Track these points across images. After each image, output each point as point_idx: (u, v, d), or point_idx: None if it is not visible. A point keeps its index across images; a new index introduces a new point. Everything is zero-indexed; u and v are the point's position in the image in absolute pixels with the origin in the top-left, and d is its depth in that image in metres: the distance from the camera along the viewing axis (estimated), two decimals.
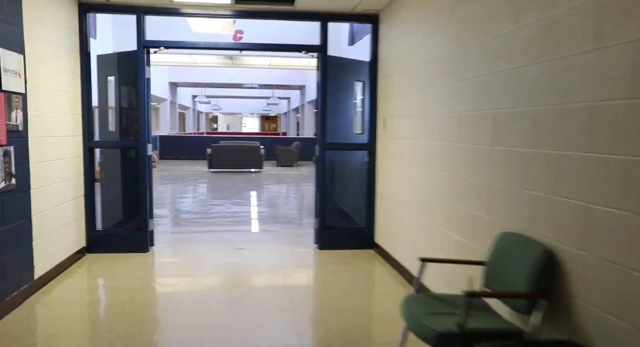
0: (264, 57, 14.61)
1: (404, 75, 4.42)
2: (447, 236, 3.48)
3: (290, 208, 8.48)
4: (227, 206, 8.34)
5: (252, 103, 39.46)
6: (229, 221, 7.04)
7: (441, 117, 3.57)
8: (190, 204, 8.71)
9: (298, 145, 16.58)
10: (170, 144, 19.12)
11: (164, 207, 8.23)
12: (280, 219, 7.31)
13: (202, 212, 7.76)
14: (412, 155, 4.21)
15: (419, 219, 4.06)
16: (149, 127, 5.16)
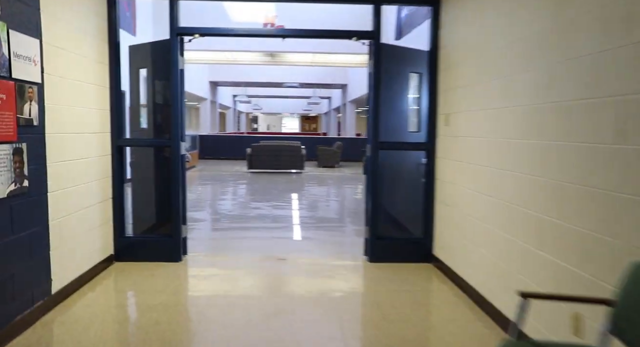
0: (306, 53, 14.10)
1: (474, 63, 3.75)
2: (538, 257, 2.80)
3: (334, 213, 7.89)
4: (267, 209, 7.83)
5: (293, 103, 39.18)
6: (269, 227, 6.51)
7: (530, 109, 2.90)
8: (228, 207, 8.25)
9: (340, 145, 15.99)
10: (210, 144, 18.90)
11: (201, 210, 7.80)
12: (324, 225, 6.73)
13: (241, 216, 7.27)
14: (485, 157, 3.53)
15: (494, 233, 3.38)
16: (183, 124, 4.68)
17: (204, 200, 9.08)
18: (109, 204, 4.47)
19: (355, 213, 7.81)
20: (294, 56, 14.99)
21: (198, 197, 9.31)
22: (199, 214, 7.45)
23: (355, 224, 6.98)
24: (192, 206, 8.02)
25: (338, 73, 21.54)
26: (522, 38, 3.01)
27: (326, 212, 7.89)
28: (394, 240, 4.88)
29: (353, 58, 15.00)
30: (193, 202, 8.50)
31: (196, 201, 8.71)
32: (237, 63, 16.22)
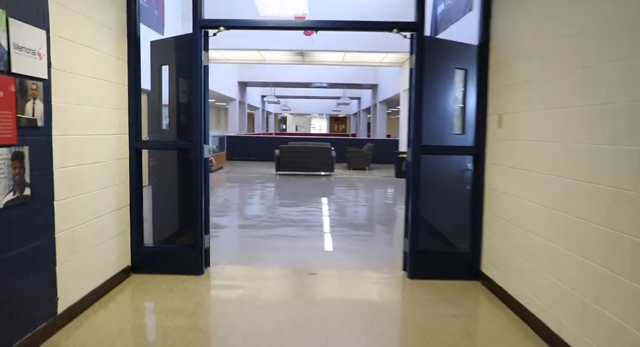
0: (336, 52, 13.66)
1: (539, 54, 3.24)
2: (623, 286, 2.29)
3: (366, 219, 7.42)
4: (296, 215, 7.42)
5: (322, 103, 38.83)
6: (298, 235, 6.10)
7: (622, 107, 2.39)
8: (255, 212, 7.88)
9: (371, 147, 15.50)
10: (238, 145, 18.66)
11: (226, 215, 7.44)
12: (356, 234, 6.27)
13: (268, 222, 6.88)
14: (554, 164, 3.03)
15: (563, 254, 2.87)
16: (206, 126, 4.31)
17: (230, 204, 8.74)
18: (126, 212, 4.13)
19: (388, 220, 7.32)
20: (324, 55, 14.57)
21: (224, 201, 8.98)
22: (224, 219, 7.09)
23: (389, 232, 6.51)
24: (217, 211, 7.68)
25: (368, 73, 21.04)
26: (608, 18, 2.50)
27: (358, 218, 7.43)
28: (437, 254, 4.39)
29: (384, 57, 14.49)
30: (218, 207, 8.17)
31: (222, 206, 8.38)
32: (266, 63, 15.90)
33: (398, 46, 12.73)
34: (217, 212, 7.52)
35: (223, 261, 4.76)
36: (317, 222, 6.83)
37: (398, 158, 13.15)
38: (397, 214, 7.86)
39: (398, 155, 13.15)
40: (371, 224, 7.02)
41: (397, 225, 7.00)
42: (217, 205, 8.32)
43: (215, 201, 8.77)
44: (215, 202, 8.71)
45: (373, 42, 12.62)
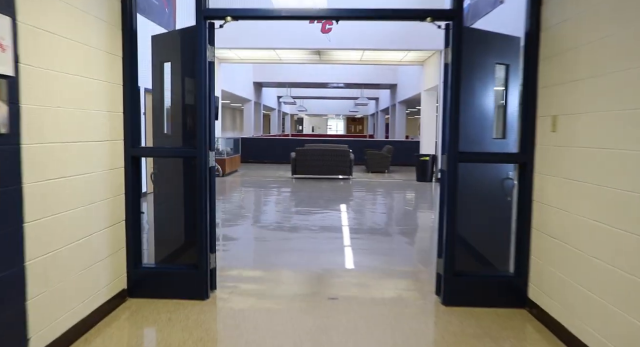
0: (355, 50, 13.10)
1: (610, 44, 2.65)
2: None
3: (390, 230, 6.85)
4: (313, 224, 6.88)
5: (338, 104, 38.30)
6: (316, 249, 5.56)
7: None
8: (268, 221, 7.36)
9: (391, 149, 14.90)
10: (253, 147, 18.21)
11: (237, 224, 6.94)
12: (379, 248, 5.71)
13: (283, 233, 6.36)
14: (627, 177, 2.44)
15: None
16: (212, 130, 3.79)
17: (242, 212, 8.24)
18: (121, 228, 3.64)
19: (413, 231, 6.74)
20: (342, 54, 14.02)
21: (236, 208, 8.49)
22: (236, 230, 6.59)
23: (414, 244, 5.94)
24: (227, 219, 7.19)
25: (387, 73, 20.44)
26: None
27: (380, 228, 6.86)
28: (476, 277, 3.81)
29: (404, 56, 13.88)
30: (230, 215, 7.68)
31: (234, 214, 7.88)
32: (282, 62, 15.42)
33: (419, 44, 12.13)
34: (228, 222, 7.02)
35: (232, 280, 4.25)
36: (336, 234, 6.28)
37: (420, 161, 12.53)
38: (422, 223, 7.28)
39: (420, 158, 12.54)
40: (394, 236, 6.45)
41: (423, 237, 6.42)
42: (229, 213, 7.82)
43: (226, 208, 8.28)
44: (227, 208, 8.22)
45: (393, 40, 12.05)
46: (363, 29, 12.04)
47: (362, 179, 13.07)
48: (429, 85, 13.94)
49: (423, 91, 14.81)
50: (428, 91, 14.64)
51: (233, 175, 13.64)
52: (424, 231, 6.71)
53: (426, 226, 7.08)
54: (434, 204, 9.04)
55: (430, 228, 6.88)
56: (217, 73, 14.76)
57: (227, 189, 10.99)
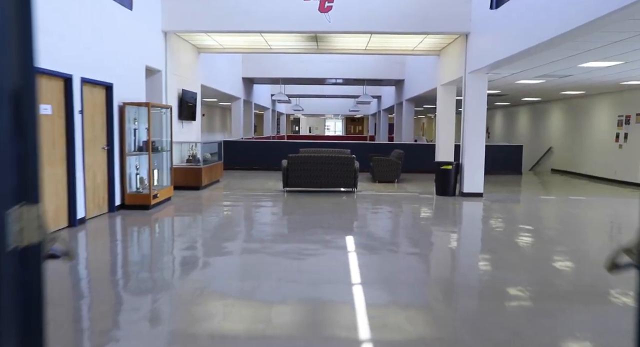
0: (360, 35, 10.74)
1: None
2: None
3: (419, 282, 4.49)
4: (306, 285, 4.53)
5: (337, 103, 35.96)
6: (317, 332, 3.20)
7: None
8: (233, 284, 5.00)
9: (401, 154, 12.56)
10: (240, 152, 15.83)
11: (193, 280, 4.58)
12: (418, 340, 3.36)
13: (266, 295, 4.00)
14: None
15: None
16: (30, 157, 1.42)
17: (206, 251, 5.88)
18: None
19: (452, 283, 4.39)
20: (344, 40, 11.68)
21: (190, 247, 6.12)
22: (166, 306, 4.23)
23: (460, 309, 3.58)
24: (184, 263, 4.84)
25: (393, 67, 18.11)
26: None
27: (419, 297, 4.51)
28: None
29: (419, 43, 11.53)
30: (187, 256, 5.33)
31: (182, 260, 5.52)
32: (273, 52, 13.07)
33: (440, 26, 9.78)
34: (181, 275, 4.67)
35: None
36: (345, 309, 3.91)
37: (440, 170, 10.19)
38: (473, 278, 4.94)
39: (440, 166, 10.20)
40: (432, 295, 4.10)
41: (480, 306, 4.08)
42: (188, 247, 5.48)
43: (178, 247, 5.92)
44: (179, 249, 5.87)
45: (407, 22, 9.70)
46: (370, 8, 9.70)
47: (369, 192, 10.72)
48: (448, 79, 11.60)
49: (440, 86, 12.46)
50: (446, 86, 12.30)
51: (212, 187, 11.27)
52: (479, 292, 4.36)
53: (480, 280, 4.74)
54: (486, 241, 6.70)
55: (485, 287, 4.54)
56: (196, 65, 12.35)
57: (195, 210, 8.62)
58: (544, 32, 6.14)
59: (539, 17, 6.38)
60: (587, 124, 15.24)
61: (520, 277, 4.70)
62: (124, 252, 5.75)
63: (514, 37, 7.46)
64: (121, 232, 6.95)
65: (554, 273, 4.89)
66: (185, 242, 6.18)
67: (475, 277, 4.81)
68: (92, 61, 7.05)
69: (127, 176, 8.07)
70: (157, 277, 4.69)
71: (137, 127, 8.23)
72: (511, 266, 5.12)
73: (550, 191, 12.40)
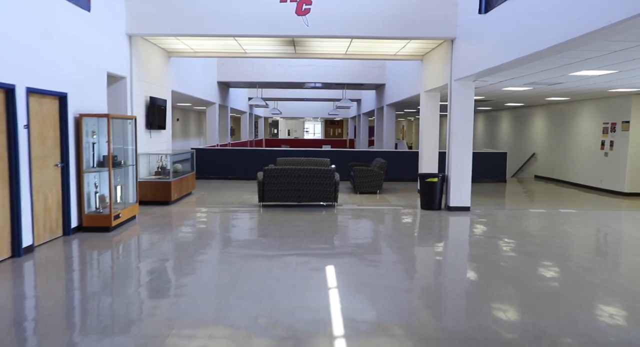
0: (341, 39, 10.14)
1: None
2: None
3: (417, 333, 3.89)
4: (282, 330, 3.88)
5: (316, 106, 35.36)
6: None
7: None
8: (214, 308, 4.32)
9: (383, 164, 11.99)
10: (214, 160, 15.08)
11: (158, 307, 3.88)
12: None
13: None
14: None
15: None
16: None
17: (171, 282, 5.19)
18: None
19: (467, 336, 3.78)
20: (323, 45, 11.06)
21: (164, 268, 5.42)
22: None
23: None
24: (148, 296, 4.13)
25: (373, 71, 17.57)
26: None
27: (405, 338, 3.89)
28: None
29: (402, 48, 11.00)
30: (151, 288, 4.62)
31: (155, 286, 4.82)
32: (247, 56, 12.37)
33: (424, 30, 9.23)
34: (126, 329, 3.97)
35: None
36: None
37: (425, 182, 9.64)
38: (485, 318, 4.34)
39: (425, 179, 9.65)
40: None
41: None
42: (142, 294, 4.77)
43: (138, 281, 5.21)
44: (140, 282, 5.16)
45: (390, 26, 9.13)
46: (351, 11, 9.09)
47: (350, 206, 10.11)
48: (432, 85, 11.08)
49: (423, 92, 11.94)
50: (430, 92, 11.78)
51: (183, 201, 10.52)
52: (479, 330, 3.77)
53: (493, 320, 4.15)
54: (485, 271, 6.14)
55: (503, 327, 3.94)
56: (166, 70, 11.58)
57: (160, 230, 7.89)
58: (544, 39, 5.60)
59: (538, 23, 5.85)
60: (572, 131, 14.93)
61: (548, 329, 4.13)
62: (79, 285, 5.02)
63: (506, 43, 6.93)
64: (78, 260, 6.20)
65: (598, 329, 4.30)
66: (149, 271, 5.47)
67: (477, 329, 4.22)
68: (41, 68, 6.28)
69: (84, 195, 7.30)
70: (119, 314, 3.98)
71: (96, 141, 7.46)
72: (525, 309, 4.55)
73: (539, 203, 11.92)
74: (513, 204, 11.49)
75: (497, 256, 6.32)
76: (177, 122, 23.73)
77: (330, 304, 4.44)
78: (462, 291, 5.04)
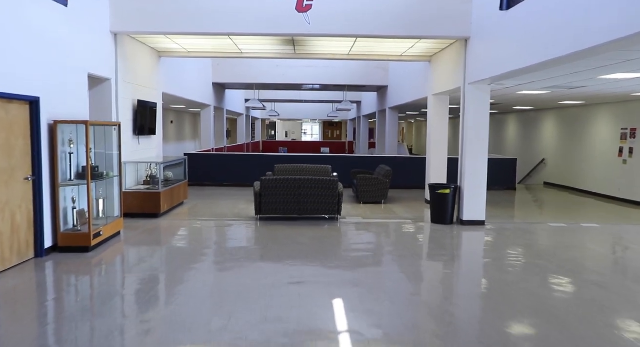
0: (344, 39, 9.38)
1: None
2: None
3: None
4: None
5: (315, 108, 34.62)
6: None
7: None
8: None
9: (388, 172, 11.23)
10: (208, 165, 14.30)
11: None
12: None
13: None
14: None
15: None
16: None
17: (155, 315, 4.41)
18: None
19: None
20: (325, 45, 10.30)
21: (147, 297, 4.64)
22: None
23: None
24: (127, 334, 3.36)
25: (375, 72, 16.83)
26: None
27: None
28: None
29: (410, 48, 10.25)
30: (128, 323, 3.84)
31: (134, 320, 4.04)
32: (244, 56, 11.60)
33: (437, 29, 8.48)
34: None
35: None
36: None
37: (436, 194, 8.88)
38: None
39: (436, 191, 8.89)
40: None
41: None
42: (123, 332, 3.99)
43: (117, 313, 4.43)
44: (119, 315, 4.38)
45: (397, 24, 8.37)
46: (356, 8, 8.34)
47: (355, 219, 9.35)
48: (442, 89, 10.33)
49: (432, 95, 11.19)
50: (439, 96, 11.03)
51: (174, 213, 9.73)
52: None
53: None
54: (515, 307, 5.39)
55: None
56: (156, 71, 10.80)
57: (145, 250, 7.11)
58: (587, 37, 4.83)
59: (580, 19, 5.06)
60: (586, 136, 14.19)
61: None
62: (52, 318, 4.24)
63: (534, 43, 6.17)
64: (51, 289, 5.42)
65: None
66: (131, 301, 4.69)
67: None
68: (6, 70, 5.51)
69: (60, 212, 6.51)
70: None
71: (73, 151, 6.67)
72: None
73: (557, 215, 10.83)
74: (529, 216, 10.71)
75: (529, 284, 5.56)
76: (171, 124, 22.92)
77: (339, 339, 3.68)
78: (498, 339, 4.28)
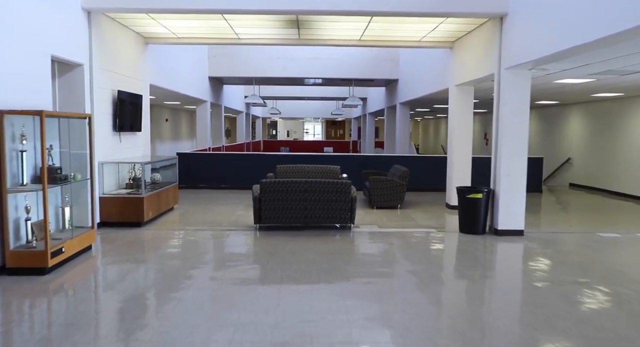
0: (357, 18, 8.08)
1: None
2: None
3: None
4: None
5: (318, 105, 33.35)
6: None
7: None
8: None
9: (405, 173, 9.93)
10: (202, 166, 13.01)
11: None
12: None
13: None
14: None
15: None
16: None
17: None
18: None
19: None
20: (334, 28, 9.00)
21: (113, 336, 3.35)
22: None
23: None
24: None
25: (384, 65, 15.54)
26: None
27: None
28: None
29: (430, 31, 8.96)
30: None
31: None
32: (242, 42, 10.30)
33: (468, 4, 7.17)
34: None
35: None
36: None
37: (466, 199, 7.58)
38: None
39: (466, 195, 7.59)
40: None
41: None
42: None
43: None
44: None
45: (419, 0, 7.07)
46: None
47: (369, 228, 8.04)
48: (468, 77, 9.04)
49: (454, 86, 9.89)
50: (463, 86, 9.73)
51: (160, 221, 8.43)
52: None
53: None
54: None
55: None
56: (141, 59, 9.50)
57: (118, 271, 5.80)
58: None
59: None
60: (621, 133, 12.85)
61: None
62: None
63: (592, 16, 4.88)
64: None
65: None
66: (86, 341, 3.43)
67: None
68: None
69: (9, 224, 5.22)
70: None
71: (26, 149, 5.38)
72: None
73: (603, 223, 9.28)
74: (570, 224, 9.36)
75: (619, 323, 4.25)
76: (166, 123, 21.64)
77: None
78: None
